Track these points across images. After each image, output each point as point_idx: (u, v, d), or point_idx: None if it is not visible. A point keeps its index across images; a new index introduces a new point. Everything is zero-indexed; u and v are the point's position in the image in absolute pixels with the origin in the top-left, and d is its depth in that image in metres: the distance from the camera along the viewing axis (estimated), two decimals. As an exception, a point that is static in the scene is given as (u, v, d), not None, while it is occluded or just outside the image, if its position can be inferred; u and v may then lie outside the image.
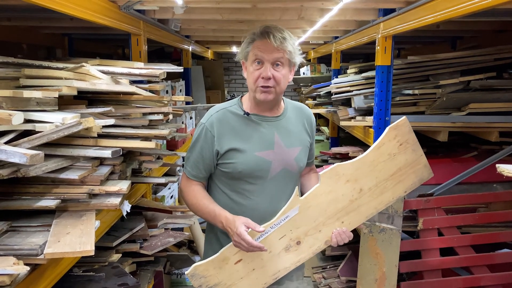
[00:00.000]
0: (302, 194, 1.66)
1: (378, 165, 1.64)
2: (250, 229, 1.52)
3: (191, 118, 3.79)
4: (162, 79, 1.99)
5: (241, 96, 1.70)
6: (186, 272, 1.61)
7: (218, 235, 1.69)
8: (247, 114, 1.63)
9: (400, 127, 1.66)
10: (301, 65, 5.96)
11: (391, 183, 1.66)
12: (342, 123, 3.28)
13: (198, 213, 1.67)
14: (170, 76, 2.69)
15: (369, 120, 2.79)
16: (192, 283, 1.60)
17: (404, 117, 1.68)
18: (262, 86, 1.54)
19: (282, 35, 1.52)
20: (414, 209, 2.52)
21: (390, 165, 1.65)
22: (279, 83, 1.55)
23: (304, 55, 1.65)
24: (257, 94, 1.57)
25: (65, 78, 1.57)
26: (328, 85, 3.79)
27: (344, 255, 3.44)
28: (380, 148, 1.65)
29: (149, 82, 2.14)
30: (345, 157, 3.60)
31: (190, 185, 1.68)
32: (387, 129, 1.66)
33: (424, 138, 2.63)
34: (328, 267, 3.50)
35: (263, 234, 1.57)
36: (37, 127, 1.32)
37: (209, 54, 6.15)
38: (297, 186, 1.63)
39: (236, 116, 1.63)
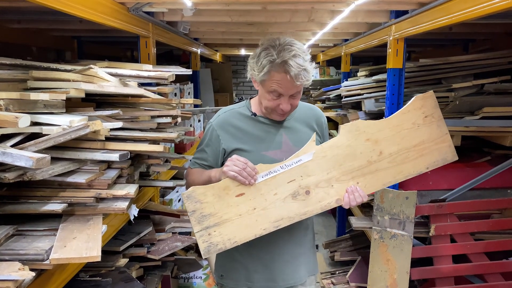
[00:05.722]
0: None
1: (401, 131, 1.55)
2: (259, 164, 1.48)
3: (199, 121, 3.77)
4: (171, 82, 1.97)
5: (250, 98, 1.70)
6: (182, 193, 1.49)
7: None
8: (255, 115, 1.63)
9: (427, 99, 1.58)
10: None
11: (413, 154, 1.56)
12: (352, 127, 3.23)
13: (197, 182, 1.58)
14: (179, 78, 2.67)
15: (380, 124, 2.74)
16: (186, 205, 1.48)
17: (431, 90, 1.61)
18: (279, 114, 1.57)
19: (303, 66, 1.44)
20: (426, 214, 2.47)
21: (413, 134, 1.56)
22: (295, 107, 1.59)
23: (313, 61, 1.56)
24: (273, 115, 1.60)
25: (73, 81, 1.55)
26: (338, 88, 3.75)
27: (354, 261, 3.40)
28: (405, 114, 1.56)
29: (157, 84, 2.12)
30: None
31: (191, 171, 1.67)
32: (413, 97, 1.58)
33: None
34: (337, 272, 3.45)
35: (271, 171, 1.49)
36: (44, 130, 1.30)
37: (217, 57, 6.15)
38: (314, 133, 1.57)
39: (244, 117, 1.64)
